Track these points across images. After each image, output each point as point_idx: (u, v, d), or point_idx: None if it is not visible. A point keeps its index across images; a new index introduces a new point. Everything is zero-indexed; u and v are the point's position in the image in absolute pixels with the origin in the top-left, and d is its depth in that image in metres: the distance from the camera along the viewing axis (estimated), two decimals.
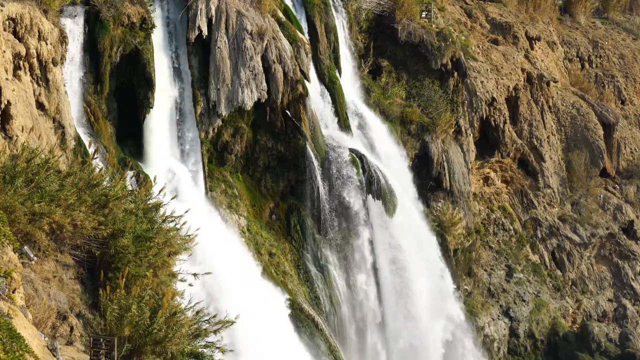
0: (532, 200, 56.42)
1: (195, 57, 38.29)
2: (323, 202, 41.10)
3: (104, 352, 17.32)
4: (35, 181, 19.68)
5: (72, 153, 30.58)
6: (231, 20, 38.62)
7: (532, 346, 52.54)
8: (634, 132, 64.52)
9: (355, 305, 42.41)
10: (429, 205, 48.58)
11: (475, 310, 50.32)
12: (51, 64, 30.53)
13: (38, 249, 19.38)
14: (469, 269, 51.50)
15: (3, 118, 26.97)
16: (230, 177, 39.84)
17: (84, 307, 19.57)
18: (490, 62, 55.66)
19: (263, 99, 39.20)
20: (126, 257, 19.94)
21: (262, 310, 34.29)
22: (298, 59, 40.65)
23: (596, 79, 65.78)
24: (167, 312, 18.70)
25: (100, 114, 34.90)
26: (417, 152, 48.23)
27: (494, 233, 54.41)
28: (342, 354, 39.77)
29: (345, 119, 44.53)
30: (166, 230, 21.53)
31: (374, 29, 50.32)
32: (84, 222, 19.89)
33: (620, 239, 58.38)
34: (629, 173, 61.67)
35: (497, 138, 54.48)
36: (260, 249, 38.97)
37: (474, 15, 59.72)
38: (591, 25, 69.77)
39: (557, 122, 59.88)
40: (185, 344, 18.93)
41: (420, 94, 49.63)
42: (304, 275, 40.50)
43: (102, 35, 34.40)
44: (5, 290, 15.55)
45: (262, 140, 40.52)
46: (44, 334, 16.89)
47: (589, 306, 56.18)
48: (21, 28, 29.12)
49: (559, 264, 56.44)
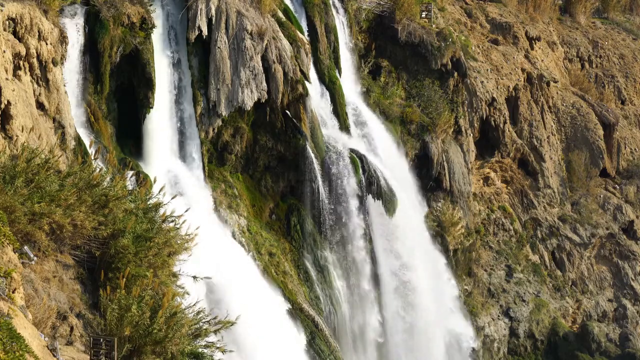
0: (532, 200, 56.41)
1: (195, 57, 38.28)
2: (323, 202, 41.09)
3: (104, 352, 17.33)
4: (35, 181, 19.68)
5: (72, 153, 30.58)
6: (231, 20, 38.62)
7: (532, 346, 52.54)
8: (634, 132, 64.51)
9: (355, 305, 42.40)
10: (429, 205, 48.59)
11: (475, 310, 50.32)
12: (51, 64, 30.53)
13: (38, 249, 19.37)
14: (469, 269, 51.50)
15: (3, 118, 26.97)
16: (230, 177, 39.83)
17: (84, 307, 19.57)
18: (490, 62, 55.64)
19: (263, 99, 39.19)
20: (126, 257, 19.95)
21: (262, 309, 34.31)
22: (298, 59, 40.64)
23: (596, 79, 65.75)
24: (167, 312, 18.70)
25: (100, 114, 34.89)
26: (417, 152, 48.23)
27: (494, 233, 54.40)
28: (342, 354, 39.77)
29: (345, 119, 44.52)
30: (166, 230, 21.53)
31: (374, 29, 50.30)
32: (84, 222, 19.89)
33: (620, 239, 58.37)
34: (629, 173, 61.64)
35: (497, 138, 54.47)
36: (260, 249, 38.96)
37: (474, 15, 59.70)
38: (591, 25, 69.74)
39: (557, 122, 59.87)
40: (185, 344, 18.93)
41: (420, 94, 49.62)
42: (304, 275, 40.50)
43: (102, 35, 34.40)
44: (5, 290, 15.54)
45: (262, 140, 40.52)
46: (44, 334, 16.88)
47: (589, 306, 56.17)
48: (21, 28, 29.13)
49: (559, 264, 56.43)
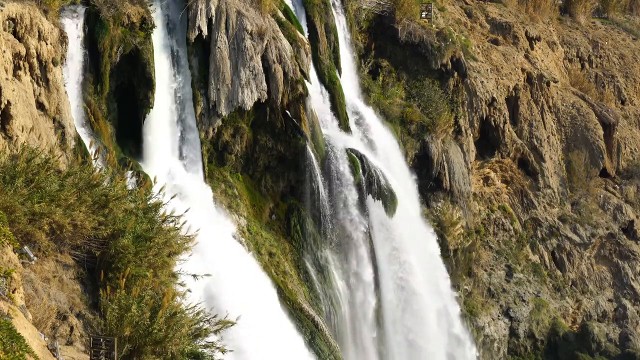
0: (532, 200, 56.41)
1: (195, 57, 38.27)
2: (323, 202, 41.08)
3: (104, 352, 17.33)
4: (35, 181, 19.68)
5: (72, 153, 30.58)
6: (231, 20, 38.61)
7: (532, 346, 52.54)
8: (634, 132, 64.50)
9: (355, 305, 42.41)
10: (429, 205, 48.58)
11: (475, 310, 50.33)
12: (51, 64, 30.53)
13: (38, 249, 19.37)
14: (469, 269, 51.50)
15: (3, 118, 26.97)
16: (230, 177, 39.83)
17: (84, 307, 19.57)
18: (490, 62, 55.65)
19: (263, 99, 39.19)
20: (126, 257, 19.94)
21: (260, 308, 34.31)
22: (298, 59, 40.63)
23: (596, 79, 65.75)
24: (167, 312, 18.70)
25: (100, 114, 34.88)
26: (417, 152, 48.23)
27: (494, 233, 54.40)
28: (342, 354, 39.77)
29: (345, 119, 44.51)
30: (166, 230, 21.53)
31: (374, 29, 50.30)
32: (84, 222, 19.89)
33: (620, 239, 58.37)
34: (629, 173, 61.65)
35: (497, 138, 54.47)
36: (260, 249, 38.96)
37: (474, 15, 59.70)
38: (591, 25, 69.74)
39: (557, 122, 59.87)
40: (185, 344, 18.93)
41: (420, 94, 49.61)
42: (304, 275, 40.49)
43: (102, 35, 34.39)
44: (5, 290, 15.54)
45: (262, 140, 40.51)
46: (44, 334, 16.88)
47: (589, 306, 56.17)
48: (21, 28, 29.12)
49: (559, 264, 56.44)
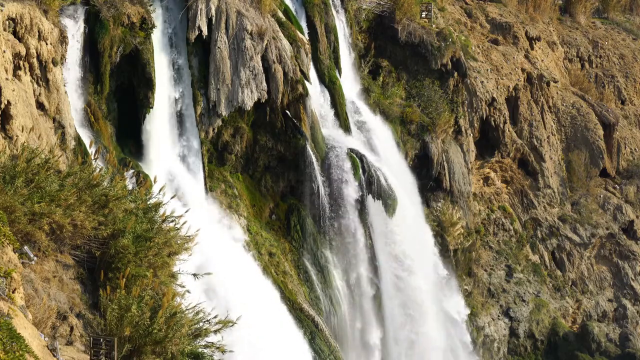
0: (532, 200, 56.41)
1: (195, 57, 38.27)
2: (323, 202, 41.08)
3: (104, 352, 17.33)
4: (35, 181, 19.68)
5: (72, 153, 30.58)
6: (231, 20, 38.61)
7: (532, 346, 52.54)
8: (634, 132, 64.50)
9: (355, 305, 42.41)
10: (429, 205, 48.58)
11: (475, 310, 50.32)
12: (51, 64, 30.52)
13: (38, 249, 19.37)
14: (469, 269, 51.50)
15: (3, 118, 26.96)
16: (230, 177, 39.83)
17: (84, 307, 19.57)
18: (490, 62, 55.64)
19: (263, 99, 39.19)
20: (126, 257, 19.94)
21: (260, 308, 34.30)
22: (298, 59, 40.63)
23: (596, 79, 65.75)
24: (167, 312, 18.70)
25: (100, 114, 34.88)
26: (417, 152, 48.22)
27: (494, 233, 54.40)
28: (342, 354, 39.76)
29: (345, 119, 44.52)
30: (166, 230, 21.53)
31: (374, 29, 50.29)
32: (84, 222, 19.89)
33: (620, 239, 58.37)
34: (629, 173, 61.65)
35: (497, 138, 54.47)
36: (260, 249, 38.96)
37: (474, 15, 59.70)
38: (591, 25, 69.74)
39: (557, 122, 59.87)
40: (185, 344, 18.93)
41: (420, 94, 49.61)
42: (304, 275, 40.49)
43: (102, 35, 34.39)
44: (5, 290, 15.54)
45: (262, 140, 40.51)
46: (44, 334, 16.88)
47: (589, 306, 56.17)
48: (21, 28, 29.12)
49: (559, 264, 56.44)
